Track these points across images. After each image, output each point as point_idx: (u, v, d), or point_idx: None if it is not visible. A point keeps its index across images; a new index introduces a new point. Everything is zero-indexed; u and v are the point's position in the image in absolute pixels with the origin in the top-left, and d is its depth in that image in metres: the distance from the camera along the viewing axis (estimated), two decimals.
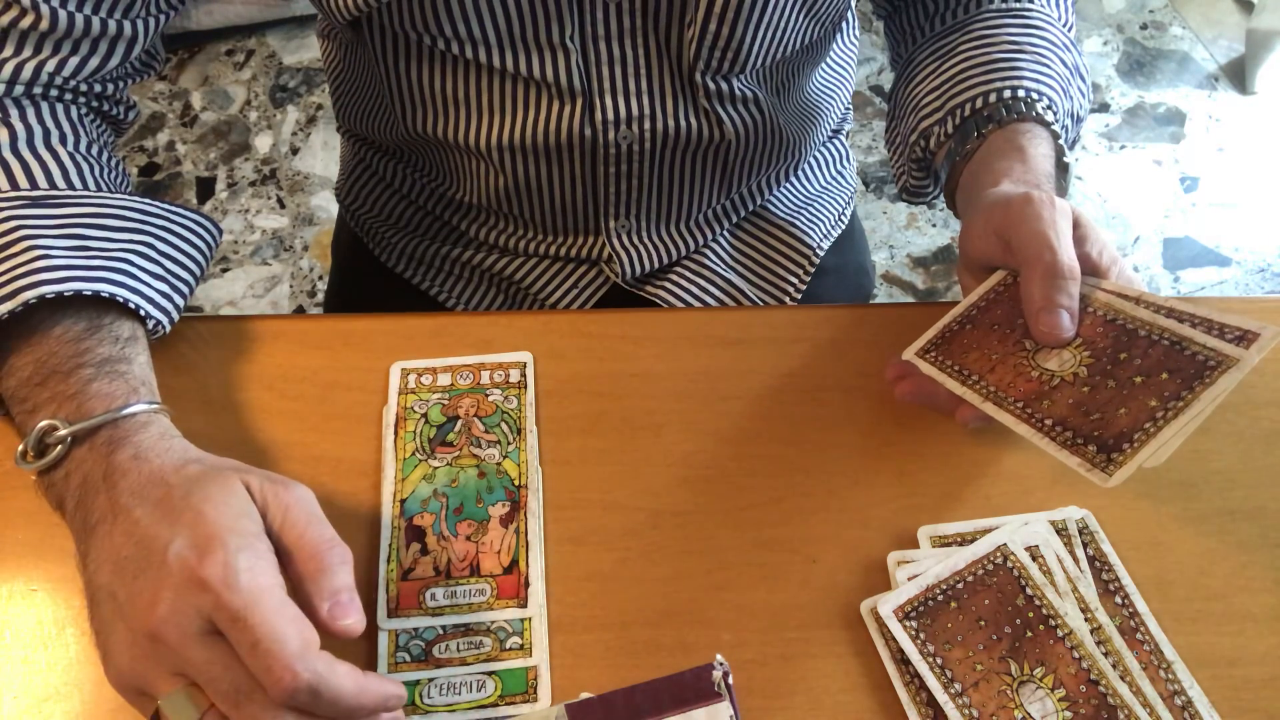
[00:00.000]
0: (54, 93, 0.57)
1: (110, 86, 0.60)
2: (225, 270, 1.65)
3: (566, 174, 0.70)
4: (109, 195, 0.55)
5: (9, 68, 0.55)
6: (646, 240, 0.76)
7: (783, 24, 0.64)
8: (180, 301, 0.56)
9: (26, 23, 0.54)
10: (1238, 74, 1.94)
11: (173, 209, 0.58)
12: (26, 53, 0.55)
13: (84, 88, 0.58)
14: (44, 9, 0.54)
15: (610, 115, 0.65)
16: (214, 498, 0.43)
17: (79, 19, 0.55)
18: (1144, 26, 2.03)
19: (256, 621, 0.40)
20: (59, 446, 0.47)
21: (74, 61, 0.57)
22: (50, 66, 0.56)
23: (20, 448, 0.47)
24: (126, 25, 0.58)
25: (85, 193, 0.54)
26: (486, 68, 0.63)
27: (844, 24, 0.78)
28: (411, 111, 0.69)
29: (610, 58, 0.63)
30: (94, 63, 0.58)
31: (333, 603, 0.43)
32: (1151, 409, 0.46)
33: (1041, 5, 0.68)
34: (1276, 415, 0.59)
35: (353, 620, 0.43)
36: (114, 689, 0.43)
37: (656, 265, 0.77)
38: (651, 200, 0.73)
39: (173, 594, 0.41)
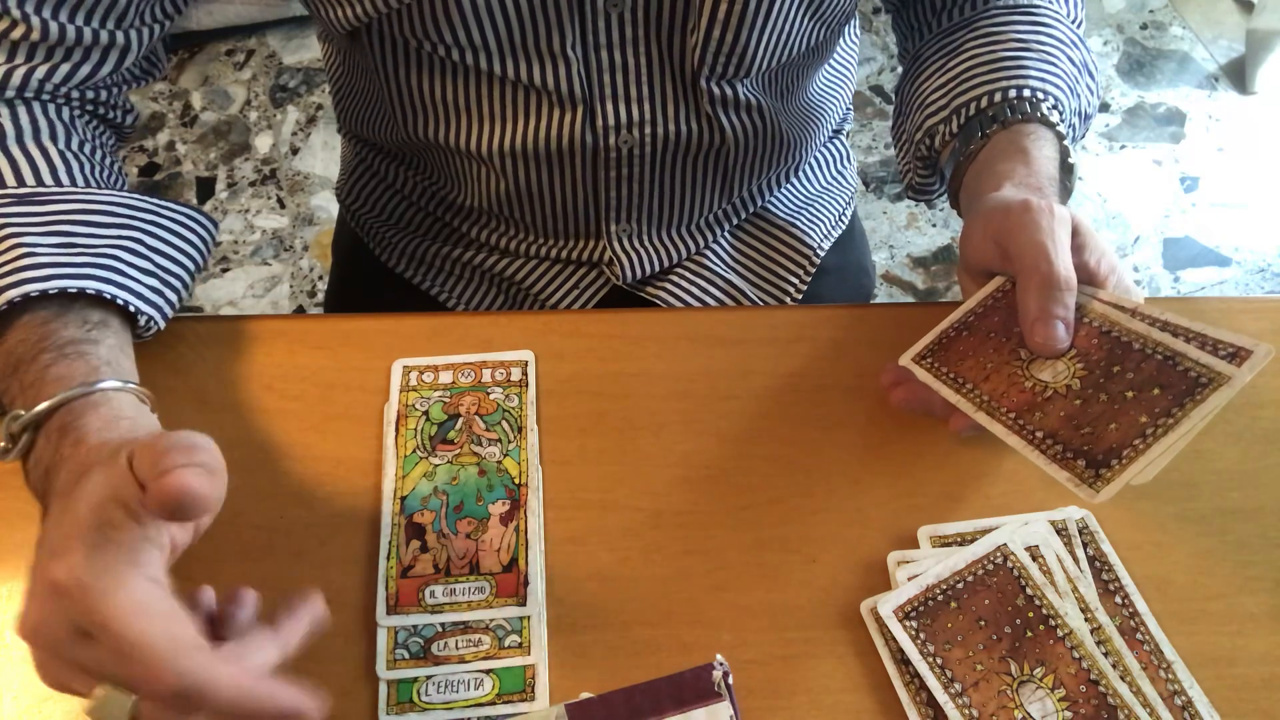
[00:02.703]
0: (45, 96, 0.57)
1: (104, 93, 0.60)
2: (225, 270, 1.65)
3: (568, 179, 0.69)
4: (96, 191, 0.55)
5: None
6: (647, 243, 0.76)
7: (788, 27, 0.64)
8: (173, 297, 0.55)
9: (17, 34, 0.54)
10: (1238, 74, 1.94)
11: (161, 204, 0.57)
12: (18, 60, 0.55)
13: (76, 94, 0.58)
14: (34, 20, 0.54)
15: (611, 121, 0.65)
16: (88, 490, 0.40)
17: (70, 29, 0.55)
18: (1144, 26, 2.03)
19: (118, 626, 0.36)
20: (24, 434, 0.46)
21: (65, 68, 0.56)
22: (40, 73, 0.56)
23: (1, 443, 0.47)
24: (119, 35, 0.58)
25: (73, 189, 0.54)
26: (487, 75, 0.63)
27: (847, 25, 0.78)
28: (412, 117, 0.68)
29: (612, 65, 0.63)
30: (85, 70, 0.57)
31: (159, 472, 0.37)
32: (1142, 425, 0.46)
33: (1049, 1, 0.68)
34: (1276, 415, 0.59)
35: (180, 475, 0.37)
36: None
37: (657, 268, 0.77)
38: (652, 204, 0.73)
39: (38, 599, 0.39)
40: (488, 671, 0.49)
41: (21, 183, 0.53)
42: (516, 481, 0.55)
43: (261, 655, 0.39)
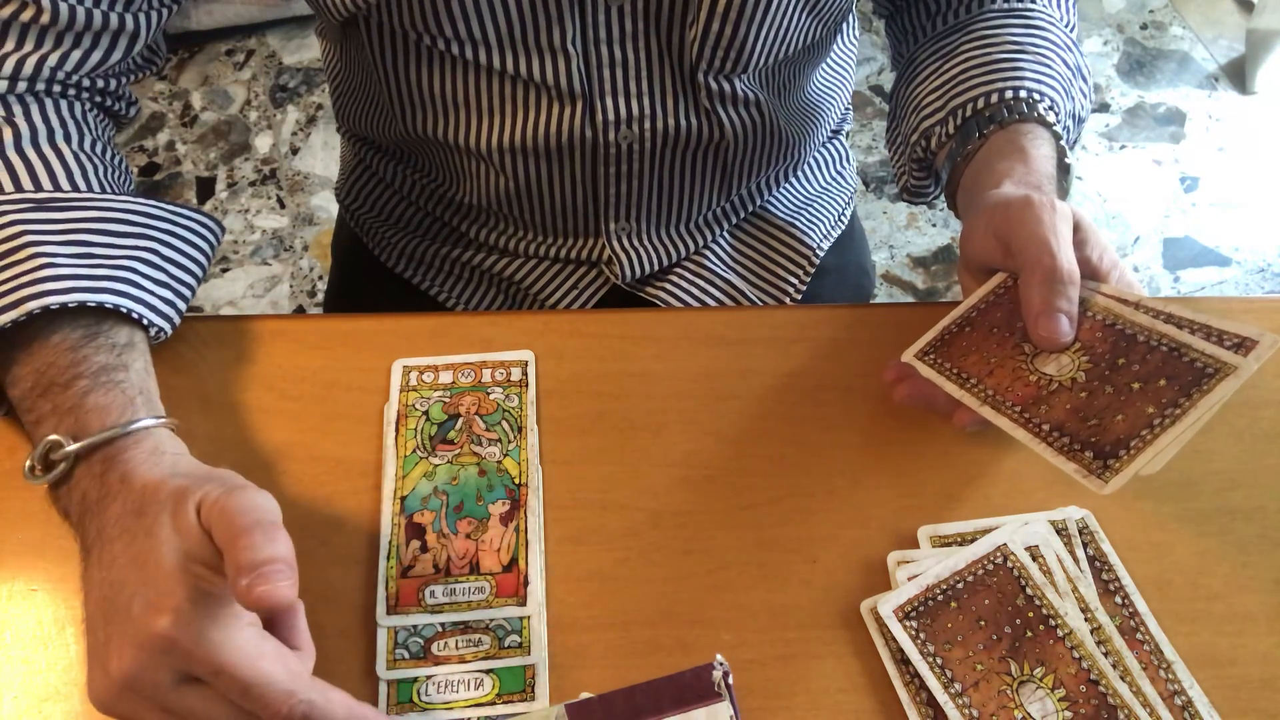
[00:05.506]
0: (56, 88, 0.57)
1: (113, 82, 0.60)
2: (225, 270, 1.65)
3: (567, 175, 0.70)
4: (113, 198, 0.55)
5: (10, 63, 0.54)
6: (646, 242, 0.76)
7: (786, 23, 0.64)
8: (182, 306, 0.56)
9: (28, 16, 0.54)
10: (1238, 74, 1.94)
11: (177, 210, 0.58)
12: (28, 47, 0.55)
13: (86, 83, 0.58)
14: (45, 3, 0.54)
15: (611, 116, 0.65)
16: (165, 537, 0.42)
17: (80, 12, 0.55)
18: (1144, 26, 2.03)
19: (241, 671, 0.40)
20: (63, 463, 0.47)
21: (76, 55, 0.56)
22: (52, 60, 0.56)
23: (28, 462, 0.47)
24: (129, 19, 0.58)
25: (90, 195, 0.54)
26: (486, 69, 0.63)
27: (845, 24, 0.78)
28: (410, 113, 0.69)
29: (612, 60, 0.63)
30: (96, 56, 0.57)
31: (252, 578, 0.39)
32: (1149, 416, 0.46)
33: (1043, 5, 0.68)
34: (1276, 415, 0.59)
35: (274, 589, 0.39)
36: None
37: (656, 267, 0.77)
38: (651, 202, 0.73)
39: (140, 650, 0.40)
40: (488, 671, 0.49)
41: (39, 187, 0.53)
42: (516, 481, 0.55)
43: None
